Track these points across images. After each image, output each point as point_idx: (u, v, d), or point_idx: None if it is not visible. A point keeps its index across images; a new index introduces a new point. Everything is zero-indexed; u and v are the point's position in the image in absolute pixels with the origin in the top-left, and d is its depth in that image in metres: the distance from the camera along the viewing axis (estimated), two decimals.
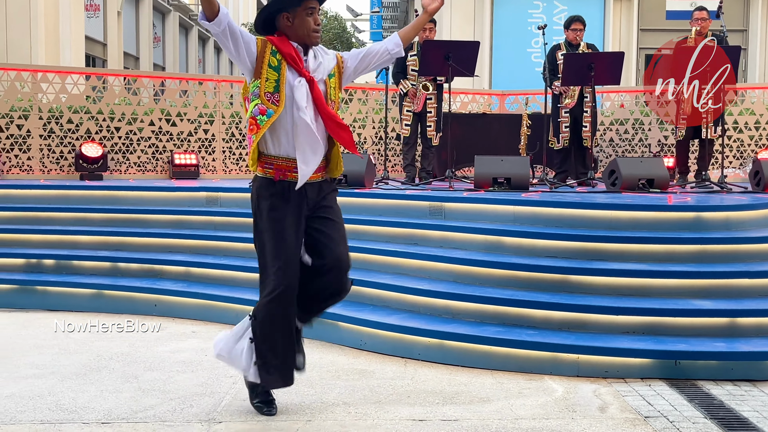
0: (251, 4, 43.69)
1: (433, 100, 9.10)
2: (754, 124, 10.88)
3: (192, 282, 7.01)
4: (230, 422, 4.08)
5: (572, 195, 7.25)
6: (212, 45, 34.97)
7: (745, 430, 3.92)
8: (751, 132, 10.90)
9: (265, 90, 4.02)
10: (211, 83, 11.16)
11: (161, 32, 27.87)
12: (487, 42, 16.69)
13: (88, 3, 20.99)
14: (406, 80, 9.07)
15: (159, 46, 27.57)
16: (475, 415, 4.17)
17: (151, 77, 11.16)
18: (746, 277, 5.46)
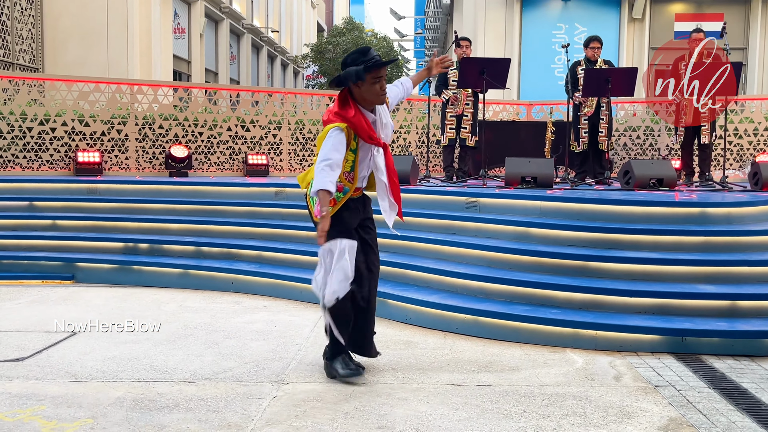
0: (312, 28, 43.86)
1: (470, 106, 9.04)
2: (752, 131, 10.60)
3: (263, 264, 7.07)
4: (296, 383, 4.12)
5: (591, 192, 7.14)
6: (279, 63, 35.17)
7: (744, 399, 3.84)
8: (750, 138, 10.62)
9: (344, 170, 4.04)
10: (278, 95, 11.23)
11: (236, 51, 28.09)
12: (516, 58, 16.50)
13: (176, 27, 21.26)
14: (447, 90, 9.02)
15: (234, 63, 27.79)
16: (506, 381, 4.14)
17: (228, 90, 11.27)
18: (745, 265, 5.33)
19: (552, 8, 16.78)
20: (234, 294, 6.75)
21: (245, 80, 28.15)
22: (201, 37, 22.84)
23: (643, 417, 3.58)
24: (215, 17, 24.80)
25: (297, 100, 11.42)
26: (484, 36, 16.57)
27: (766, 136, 10.52)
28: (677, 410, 3.67)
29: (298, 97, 11.58)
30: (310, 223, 7.32)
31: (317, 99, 11.81)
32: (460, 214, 6.61)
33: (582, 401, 3.81)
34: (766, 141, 10.51)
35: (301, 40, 39.38)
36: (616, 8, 16.72)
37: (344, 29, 30.42)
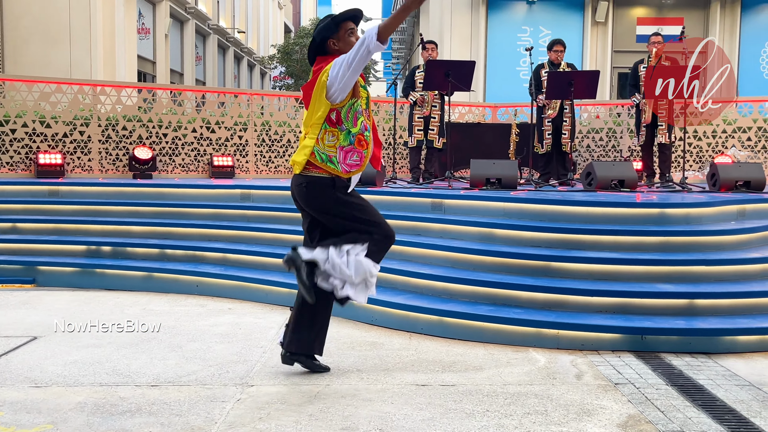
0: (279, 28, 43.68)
1: (438, 108, 9.09)
2: (711, 133, 10.83)
3: (228, 266, 7.02)
4: (261, 385, 4.10)
5: (554, 193, 7.23)
6: (246, 64, 34.95)
7: (701, 395, 3.92)
8: (709, 140, 10.85)
9: (363, 107, 4.07)
10: (245, 96, 11.17)
11: (202, 52, 27.86)
12: (482, 61, 16.64)
13: (140, 27, 21.02)
14: (414, 91, 9.07)
15: (200, 64, 27.55)
16: (470, 381, 4.18)
17: (194, 91, 11.19)
18: (703, 264, 5.43)
19: (517, 11, 16.95)
20: (199, 297, 6.70)
21: (211, 81, 27.93)
22: (166, 38, 22.61)
23: (602, 414, 3.64)
24: (180, 18, 24.57)
25: (263, 102, 11.38)
26: (450, 39, 16.68)
27: (724, 138, 10.75)
28: (636, 407, 3.74)
29: (264, 99, 11.53)
30: (276, 225, 7.33)
31: (284, 100, 11.77)
32: (426, 216, 6.64)
33: (544, 400, 3.86)
34: (724, 143, 10.75)
35: (268, 41, 39.17)
36: (580, 12, 16.96)
37: (311, 30, 30.33)
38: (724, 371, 4.36)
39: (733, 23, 16.82)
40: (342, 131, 4.02)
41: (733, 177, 7.80)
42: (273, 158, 11.05)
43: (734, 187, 7.75)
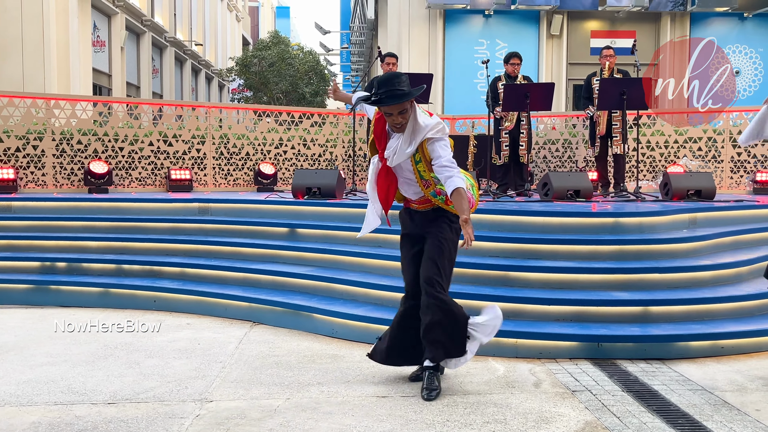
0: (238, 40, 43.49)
1: None
2: (663, 143, 11.09)
3: (186, 281, 6.94)
4: (220, 401, 4.07)
5: (512, 204, 7.32)
6: (204, 76, 34.71)
7: (655, 401, 4.00)
8: (662, 150, 11.10)
9: None
10: (202, 109, 11.10)
11: (159, 65, 27.61)
12: (440, 74, 16.79)
13: (95, 39, 20.75)
14: None
15: (157, 76, 27.29)
16: None
17: (150, 104, 11.08)
18: (656, 272, 5.55)
19: (474, 24, 17.16)
20: (156, 312, 6.60)
21: (168, 94, 27.67)
22: (122, 51, 22.36)
23: (560, 422, 3.70)
24: (137, 30, 24.33)
25: (222, 114, 11.32)
26: (408, 51, 16.80)
27: (676, 148, 11.02)
28: (593, 414, 3.80)
29: (222, 111, 11.47)
30: (235, 238, 7.29)
31: (243, 113, 11.72)
32: (386, 227, 6.64)
33: (503, 408, 3.90)
34: (676, 153, 11.01)
35: (226, 54, 38.98)
36: (535, 25, 17.24)
37: (270, 43, 30.26)
38: (677, 376, 4.46)
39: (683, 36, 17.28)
40: None
41: (684, 186, 8.00)
42: (232, 171, 10.98)
43: (686, 196, 7.94)
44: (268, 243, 7.05)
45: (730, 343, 4.95)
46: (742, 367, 4.67)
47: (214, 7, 36.45)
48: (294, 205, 7.54)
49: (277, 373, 4.59)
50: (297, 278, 6.36)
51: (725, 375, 4.49)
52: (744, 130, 4.21)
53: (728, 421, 3.68)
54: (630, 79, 8.70)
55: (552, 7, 16.55)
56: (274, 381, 4.43)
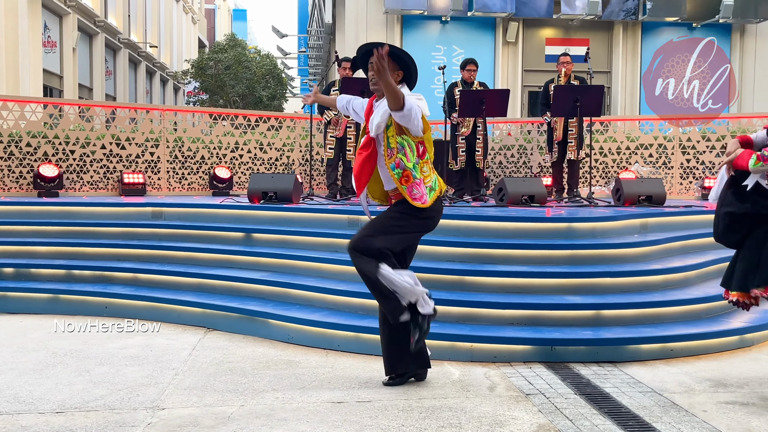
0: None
1: (353, 128, 9.15)
2: (616, 149, 11.31)
3: (139, 286, 6.82)
4: (173, 408, 4.01)
5: (468, 209, 7.37)
6: (158, 78, 34.23)
7: (607, 403, 4.07)
8: (614, 156, 11.32)
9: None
10: (157, 112, 10.95)
11: (113, 66, 27.14)
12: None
13: (46, 40, 20.30)
14: (329, 110, 9.10)
15: (111, 78, 26.82)
16: (386, 396, 4.20)
17: (103, 106, 10.88)
18: (609, 276, 5.64)
19: (431, 30, 17.28)
20: (108, 318, 6.45)
21: (122, 96, 27.22)
22: (74, 51, 21.92)
23: (514, 425, 3.73)
24: (89, 31, 23.88)
25: (176, 117, 11.18)
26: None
27: (628, 154, 11.25)
28: (546, 417, 3.85)
29: (177, 114, 11.33)
30: (189, 243, 7.20)
31: (198, 116, 11.59)
32: (343, 232, 6.65)
33: (458, 412, 3.92)
34: (628, 159, 11.23)
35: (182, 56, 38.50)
36: (492, 32, 17.43)
37: (226, 46, 29.96)
38: (628, 379, 4.54)
39: (634, 45, 17.65)
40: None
41: (636, 192, 8.17)
42: (186, 175, 10.85)
43: (637, 201, 8.11)
44: (223, 248, 6.97)
45: (679, 345, 5.06)
46: (690, 369, 4.78)
47: (169, 9, 35.99)
48: (250, 210, 7.47)
49: (231, 380, 4.54)
50: (252, 284, 6.30)
51: (674, 377, 4.59)
52: (712, 190, 4.33)
53: (676, 422, 3.77)
54: (584, 86, 8.85)
55: (508, 15, 16.75)
56: (228, 388, 4.38)
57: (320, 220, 7.00)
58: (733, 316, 5.59)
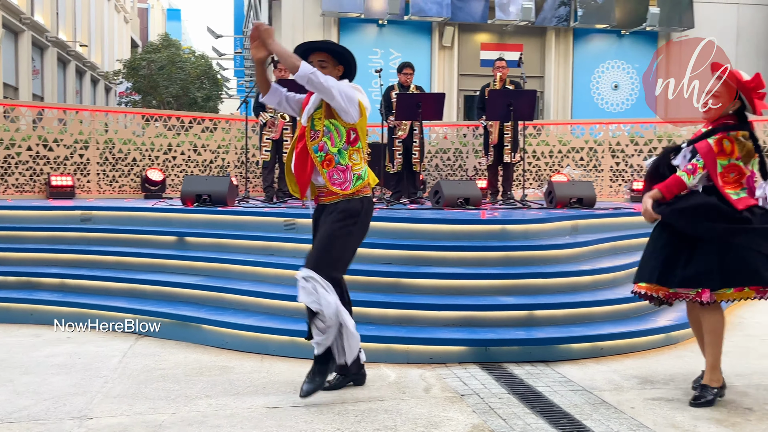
0: None
1: (290, 130, 9.07)
2: (548, 153, 11.55)
3: (67, 292, 6.60)
4: (101, 418, 3.89)
5: (404, 211, 7.40)
6: (89, 78, 33.28)
7: (539, 402, 4.14)
8: (547, 159, 11.55)
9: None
10: (86, 113, 10.64)
11: (40, 65, 26.24)
12: None
13: None
14: (265, 112, 9.01)
15: (38, 78, 25.94)
16: (321, 401, 4.17)
17: (29, 106, 10.50)
18: (541, 277, 5.74)
19: (368, 33, 17.31)
20: (33, 326, 6.23)
21: (51, 96, 26.37)
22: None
23: (449, 426, 3.76)
24: (15, 28, 23.06)
25: (107, 118, 10.88)
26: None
27: (560, 158, 11.49)
28: (480, 417, 3.89)
29: (108, 116, 11.03)
30: (120, 248, 7.01)
31: (130, 117, 11.31)
32: (279, 235, 6.60)
33: (393, 414, 3.92)
34: (560, 162, 11.48)
35: (114, 56, 37.56)
36: (428, 36, 17.58)
37: (160, 46, 29.34)
38: (560, 378, 4.63)
39: (566, 51, 18.08)
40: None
41: (567, 194, 8.35)
42: (117, 177, 10.57)
43: (568, 203, 8.29)
44: (154, 252, 6.82)
45: (608, 344, 5.19)
46: (619, 367, 4.90)
47: (100, 8, 35.06)
48: (183, 213, 7.33)
49: (163, 387, 4.44)
50: (185, 288, 6.18)
51: (604, 375, 4.70)
52: None
53: (606, 419, 3.86)
54: (517, 91, 9.01)
55: (444, 19, 16.92)
56: (159, 395, 4.28)
57: (256, 223, 6.91)
58: (660, 315, 5.77)
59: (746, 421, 3.83)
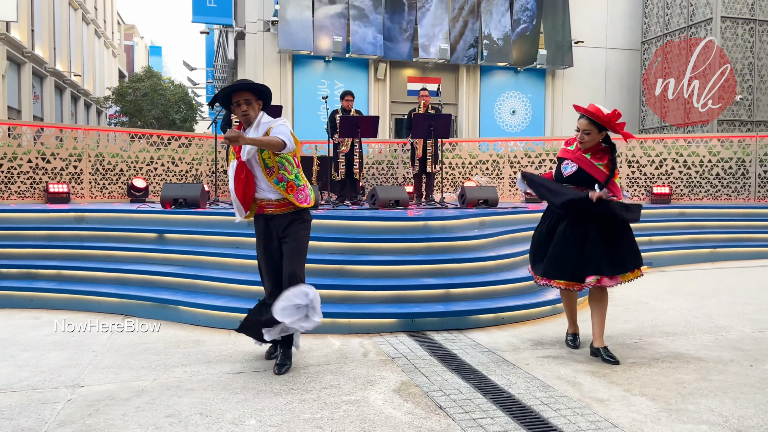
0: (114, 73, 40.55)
1: None
2: (461, 164, 11.67)
3: (63, 281, 6.31)
4: (91, 386, 3.72)
5: (347, 211, 7.35)
6: (83, 103, 31.97)
7: (454, 362, 4.17)
8: (460, 169, 11.68)
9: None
10: (80, 131, 10.20)
11: (40, 92, 25.05)
12: (290, 105, 16.63)
13: None
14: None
15: (38, 102, 24.75)
16: None
17: (30, 126, 10.01)
18: (456, 262, 5.79)
19: (317, 68, 17.16)
20: (33, 310, 5.94)
21: (49, 117, 25.20)
22: (3, 78, 20.09)
23: (382, 383, 3.74)
24: (17, 60, 21.96)
25: (98, 136, 10.45)
26: None
27: (470, 168, 11.64)
28: (407, 375, 3.89)
29: (100, 134, 10.60)
30: (110, 243, 6.74)
31: (118, 135, 10.91)
32: (244, 231, 6.44)
33: (337, 375, 3.89)
34: (470, 171, 11.62)
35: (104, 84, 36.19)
36: (365, 70, 17.55)
37: (144, 76, 28.43)
38: (471, 342, 4.67)
39: (475, 83, 18.31)
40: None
41: (476, 197, 8.45)
42: (107, 185, 10.18)
43: (477, 204, 8.39)
44: (139, 247, 6.58)
45: (509, 314, 5.27)
46: (517, 332, 4.98)
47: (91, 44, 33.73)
48: (163, 214, 7.11)
49: (145, 358, 4.29)
50: (165, 276, 5.99)
51: (505, 339, 4.77)
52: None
53: (506, 374, 3.91)
54: (436, 114, 9.06)
55: (378, 57, 16.92)
56: (142, 365, 4.13)
57: (224, 222, 6.75)
58: (548, 290, 5.89)
59: (613, 372, 3.94)
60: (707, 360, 4.16)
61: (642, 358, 4.21)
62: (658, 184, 10.98)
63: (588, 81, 18.76)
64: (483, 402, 3.41)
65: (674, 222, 9.41)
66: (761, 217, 9.88)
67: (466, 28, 17.57)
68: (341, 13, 16.59)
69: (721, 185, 10.95)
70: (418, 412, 3.27)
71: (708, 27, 15.61)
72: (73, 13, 29.88)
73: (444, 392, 3.56)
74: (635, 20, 19.04)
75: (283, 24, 16.18)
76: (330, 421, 3.15)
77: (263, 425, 3.10)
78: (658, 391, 3.58)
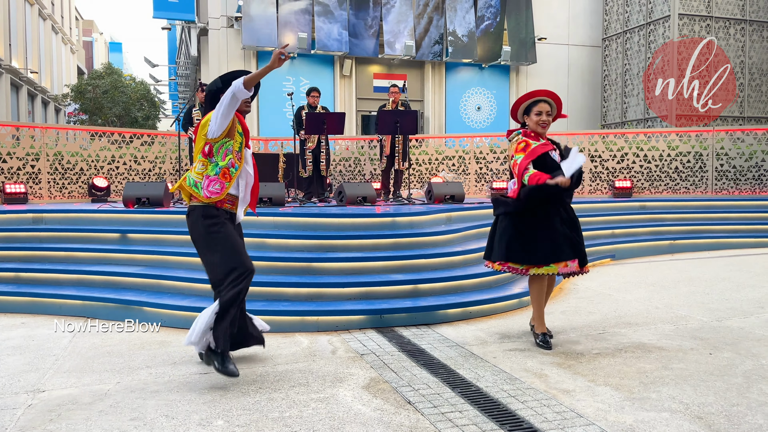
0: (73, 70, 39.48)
1: None
2: (428, 160, 11.73)
3: (21, 284, 6.13)
4: (52, 390, 3.63)
5: (314, 208, 7.31)
6: (40, 101, 31.05)
7: (423, 357, 4.19)
8: (427, 165, 11.74)
9: (235, 149, 3.78)
10: (38, 130, 9.92)
11: None
12: (256, 102, 16.45)
13: None
14: (192, 127, 8.67)
15: None
16: (246, 365, 4.05)
17: None
18: (423, 258, 5.81)
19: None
20: None
21: (5, 116, 24.42)
22: None
23: (351, 380, 3.74)
24: None
25: (57, 135, 10.18)
26: None
27: (437, 164, 11.70)
28: (376, 371, 3.89)
29: (59, 133, 10.32)
30: (70, 244, 6.57)
31: (78, 133, 10.63)
32: None
33: (306, 373, 3.87)
34: (437, 168, 11.69)
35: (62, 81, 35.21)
36: (331, 66, 17.47)
37: (103, 73, 27.72)
38: (439, 337, 4.70)
39: (440, 80, 18.41)
40: (211, 163, 3.79)
41: (443, 192, 8.49)
42: (66, 185, 9.92)
43: (444, 199, 8.44)
44: (101, 247, 6.43)
45: (476, 309, 5.32)
46: (485, 326, 5.03)
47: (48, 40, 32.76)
48: (125, 213, 6.96)
49: (108, 361, 4.19)
50: (128, 277, 5.87)
51: (473, 333, 4.81)
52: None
53: (474, 367, 3.95)
54: (403, 111, 9.07)
55: (343, 53, 16.86)
56: (105, 368, 4.04)
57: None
58: (514, 284, 5.97)
59: (578, 363, 4.02)
60: (668, 349, 4.27)
61: (606, 349, 4.29)
62: (619, 178, 11.22)
63: (551, 77, 19.05)
64: (451, 396, 3.44)
65: (636, 215, 9.64)
66: (718, 209, 10.19)
67: (431, 24, 17.63)
68: (306, 9, 16.48)
69: (680, 179, 11.25)
70: (388, 408, 3.28)
71: (666, 24, 15.99)
72: (29, 8, 29.01)
73: (413, 387, 3.58)
74: (596, 17, 19.40)
75: (247, 20, 15.99)
76: (299, 419, 3.14)
77: (231, 425, 3.07)
78: (621, 380, 3.66)
